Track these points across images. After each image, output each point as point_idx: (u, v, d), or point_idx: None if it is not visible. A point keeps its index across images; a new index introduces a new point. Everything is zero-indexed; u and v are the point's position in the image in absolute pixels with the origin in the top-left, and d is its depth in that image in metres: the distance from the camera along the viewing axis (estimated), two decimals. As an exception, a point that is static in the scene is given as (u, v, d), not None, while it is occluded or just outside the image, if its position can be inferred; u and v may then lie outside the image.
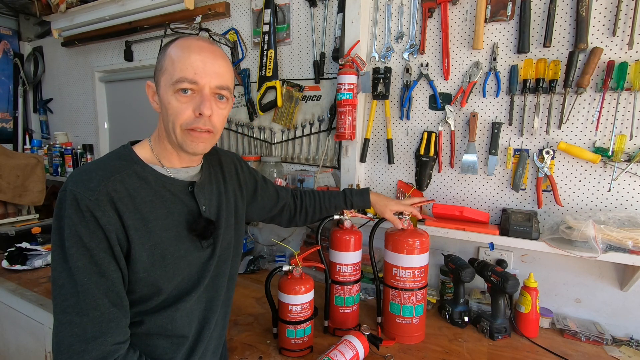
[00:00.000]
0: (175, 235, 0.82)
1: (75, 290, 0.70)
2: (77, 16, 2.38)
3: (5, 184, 2.17)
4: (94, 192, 0.72)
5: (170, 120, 0.79)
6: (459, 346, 1.18)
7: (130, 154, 0.82)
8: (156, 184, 0.82)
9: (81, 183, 0.73)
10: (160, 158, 0.85)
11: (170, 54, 0.79)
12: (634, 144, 1.19)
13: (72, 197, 0.71)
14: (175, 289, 0.84)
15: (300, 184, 1.76)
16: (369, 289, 1.58)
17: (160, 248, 0.79)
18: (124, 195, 0.75)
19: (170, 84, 0.77)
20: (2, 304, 1.65)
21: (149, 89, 0.84)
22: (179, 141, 0.81)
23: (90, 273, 0.71)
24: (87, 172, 0.76)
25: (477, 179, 1.43)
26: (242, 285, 1.63)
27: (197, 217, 0.86)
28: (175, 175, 0.86)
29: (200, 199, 0.88)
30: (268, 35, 1.80)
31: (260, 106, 1.86)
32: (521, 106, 1.32)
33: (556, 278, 1.36)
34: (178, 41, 0.80)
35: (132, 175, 0.79)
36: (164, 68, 0.79)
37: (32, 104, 3.14)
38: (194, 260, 0.87)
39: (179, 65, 0.76)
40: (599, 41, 1.21)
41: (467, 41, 1.39)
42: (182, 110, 0.78)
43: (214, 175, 0.97)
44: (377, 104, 1.59)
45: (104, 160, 0.81)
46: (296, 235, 1.84)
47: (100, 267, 0.72)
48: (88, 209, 0.71)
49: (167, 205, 0.82)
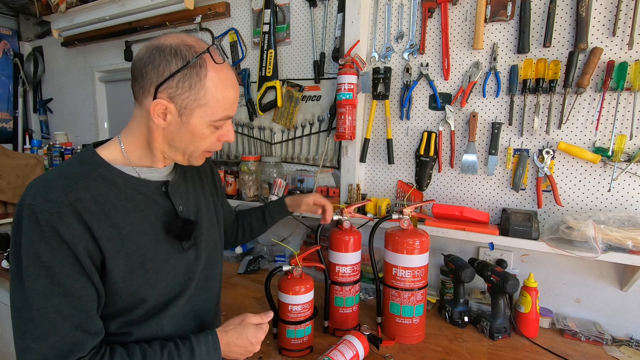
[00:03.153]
0: (152, 240, 0.78)
1: (31, 314, 0.64)
2: (77, 16, 2.38)
3: (5, 184, 2.17)
4: (54, 203, 0.66)
5: (195, 145, 0.80)
6: (459, 346, 1.18)
7: (94, 157, 0.76)
8: (126, 187, 0.77)
9: (39, 195, 0.67)
10: (132, 158, 0.80)
11: (213, 89, 0.75)
12: (634, 144, 1.19)
13: (29, 212, 0.65)
14: (162, 295, 0.81)
15: (300, 184, 1.76)
16: (369, 289, 1.58)
17: (137, 254, 0.75)
18: (91, 204, 0.70)
19: (212, 120, 0.77)
20: (2, 304, 1.64)
21: (159, 107, 0.74)
22: (190, 160, 0.83)
23: (49, 295, 0.65)
24: (46, 182, 0.70)
25: (477, 179, 1.43)
26: (242, 285, 1.63)
27: (173, 217, 0.83)
28: (146, 176, 0.81)
29: (175, 198, 0.84)
30: (268, 35, 1.80)
31: (260, 106, 1.86)
32: (521, 106, 1.32)
33: (556, 278, 1.36)
34: (216, 73, 0.75)
35: (99, 180, 0.73)
36: (202, 101, 0.75)
37: (32, 104, 3.14)
38: (177, 263, 0.83)
39: (222, 103, 0.77)
40: (599, 41, 1.21)
41: (467, 41, 1.39)
42: (209, 137, 0.80)
43: (189, 175, 0.94)
44: (377, 104, 1.59)
45: (64, 167, 0.75)
46: (296, 235, 1.84)
47: (64, 287, 0.66)
48: (48, 223, 0.65)
49: (141, 209, 0.78)
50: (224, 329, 0.86)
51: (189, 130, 0.77)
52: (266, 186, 1.74)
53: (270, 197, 1.68)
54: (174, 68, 0.72)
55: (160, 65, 0.72)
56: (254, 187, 1.79)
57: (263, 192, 1.76)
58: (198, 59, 0.73)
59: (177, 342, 0.78)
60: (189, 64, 0.72)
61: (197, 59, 0.73)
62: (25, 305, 0.65)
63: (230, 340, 0.84)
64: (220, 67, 0.76)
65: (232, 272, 1.77)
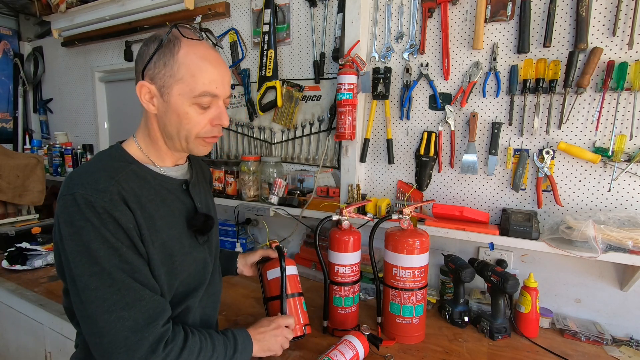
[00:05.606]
0: (178, 233, 0.84)
1: (115, 288, 0.69)
2: (77, 16, 2.38)
3: (5, 184, 2.17)
4: (105, 192, 0.71)
5: (185, 129, 0.80)
6: (459, 346, 1.18)
7: (124, 155, 0.82)
8: (155, 183, 0.82)
9: (88, 185, 0.71)
10: (151, 157, 0.85)
11: (187, 63, 0.76)
12: (634, 144, 1.19)
13: (85, 201, 0.69)
14: (183, 285, 0.85)
15: (300, 184, 1.76)
16: (369, 289, 1.58)
17: (168, 246, 0.80)
18: (131, 195, 0.75)
19: (191, 96, 0.77)
20: (2, 304, 1.65)
21: (144, 89, 0.79)
22: (189, 147, 0.83)
23: (125, 270, 0.71)
24: (90, 174, 0.74)
25: (477, 179, 1.43)
26: (242, 285, 1.63)
27: (194, 213, 0.88)
28: (169, 174, 0.87)
29: (194, 196, 0.90)
30: (268, 35, 1.80)
31: (260, 106, 1.86)
32: (521, 106, 1.32)
33: (556, 278, 1.36)
34: (189, 48, 0.77)
35: (132, 175, 0.78)
36: (178, 76, 0.76)
37: (32, 104, 3.14)
38: (198, 257, 0.88)
39: (201, 79, 0.77)
40: (599, 41, 1.21)
41: (467, 41, 1.39)
42: (200, 121, 0.80)
43: (201, 176, 1.01)
44: (377, 104, 1.59)
45: (100, 161, 0.80)
46: (296, 235, 1.84)
47: (132, 265, 0.72)
48: (105, 210, 0.70)
49: (168, 204, 0.83)
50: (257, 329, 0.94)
51: (174, 111, 0.79)
52: (266, 186, 1.74)
53: (270, 197, 1.68)
54: (152, 51, 0.77)
55: (143, 53, 0.79)
56: (254, 187, 1.79)
57: (263, 192, 1.76)
58: (171, 37, 0.77)
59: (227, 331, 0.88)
60: (162, 42, 0.76)
61: (169, 36, 0.77)
62: (104, 282, 0.69)
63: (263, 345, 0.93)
64: (195, 43, 0.79)
65: (232, 272, 1.77)
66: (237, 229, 1.91)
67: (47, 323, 1.47)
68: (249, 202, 1.76)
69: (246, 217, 1.99)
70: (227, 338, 0.85)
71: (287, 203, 1.66)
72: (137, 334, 0.69)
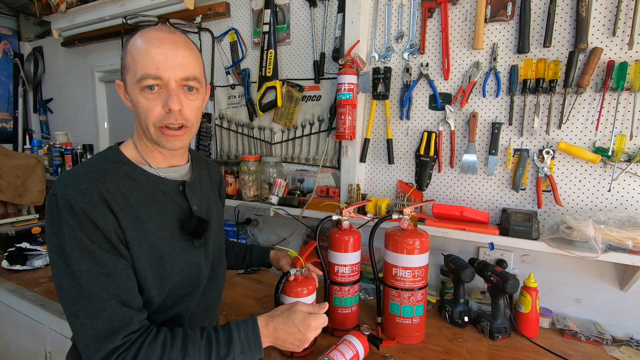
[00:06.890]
0: (169, 235, 0.82)
1: (82, 294, 0.68)
2: (77, 16, 2.38)
3: (5, 184, 2.17)
4: (86, 194, 0.70)
5: (142, 119, 0.77)
6: (459, 346, 1.18)
7: (118, 155, 0.81)
8: (148, 184, 0.81)
9: (71, 186, 0.71)
10: (145, 157, 0.84)
11: (130, 50, 0.76)
12: (634, 144, 1.19)
13: (64, 201, 0.69)
14: (175, 289, 0.83)
15: (300, 184, 1.76)
16: (369, 289, 1.58)
17: (156, 248, 0.78)
18: (117, 196, 0.74)
19: (135, 82, 0.75)
20: (2, 304, 1.65)
21: (120, 89, 0.82)
22: (154, 139, 0.79)
23: (95, 275, 0.69)
24: (76, 174, 0.74)
25: (477, 179, 1.43)
26: (242, 285, 1.63)
27: (188, 216, 0.86)
28: (166, 175, 0.85)
29: (191, 198, 0.88)
30: (268, 35, 1.80)
31: (260, 106, 1.86)
32: (521, 106, 1.32)
33: (556, 278, 1.36)
34: (137, 35, 0.77)
35: (123, 176, 0.77)
36: (127, 66, 0.77)
37: (32, 104, 3.14)
38: (191, 260, 0.86)
39: (140, 61, 0.74)
40: (599, 41, 1.21)
41: (467, 41, 1.39)
42: (152, 107, 0.76)
43: (204, 177, 0.98)
44: (377, 104, 1.59)
45: (92, 162, 0.80)
46: (296, 235, 1.84)
47: (106, 268, 0.70)
48: (83, 211, 0.69)
49: (160, 205, 0.81)
50: (271, 314, 0.84)
51: (133, 103, 0.78)
52: (266, 186, 1.74)
53: (270, 197, 1.68)
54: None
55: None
56: (254, 187, 1.79)
57: (263, 192, 1.76)
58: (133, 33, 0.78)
59: (217, 327, 0.79)
60: (128, 41, 0.77)
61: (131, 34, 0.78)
62: (74, 286, 0.69)
63: (277, 326, 0.80)
64: (147, 30, 0.77)
65: (232, 272, 1.76)
66: (237, 229, 1.91)
67: (47, 323, 1.47)
68: (249, 202, 1.76)
69: (246, 217, 1.99)
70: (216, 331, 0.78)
71: (287, 203, 1.66)
72: (95, 345, 0.68)
